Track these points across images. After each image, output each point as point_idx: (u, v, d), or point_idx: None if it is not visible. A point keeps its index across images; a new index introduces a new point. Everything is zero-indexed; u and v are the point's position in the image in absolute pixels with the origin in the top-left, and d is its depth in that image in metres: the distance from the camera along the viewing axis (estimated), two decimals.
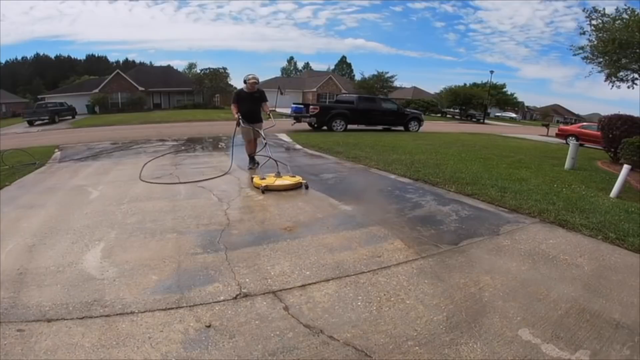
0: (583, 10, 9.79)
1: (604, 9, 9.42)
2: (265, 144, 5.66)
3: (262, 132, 5.85)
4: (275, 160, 5.31)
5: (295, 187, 4.83)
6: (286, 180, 4.88)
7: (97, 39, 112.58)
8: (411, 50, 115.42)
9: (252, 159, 6.26)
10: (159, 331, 1.98)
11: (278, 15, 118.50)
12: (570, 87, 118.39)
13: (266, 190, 4.63)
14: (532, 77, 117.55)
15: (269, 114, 5.95)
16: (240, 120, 5.71)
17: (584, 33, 10.09)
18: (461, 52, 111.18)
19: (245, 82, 5.80)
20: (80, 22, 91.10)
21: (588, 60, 10.30)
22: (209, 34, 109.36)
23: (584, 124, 18.56)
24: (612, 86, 10.20)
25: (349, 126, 14.06)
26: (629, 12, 8.97)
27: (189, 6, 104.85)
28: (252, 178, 5.18)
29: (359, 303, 2.28)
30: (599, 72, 10.34)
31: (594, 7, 9.56)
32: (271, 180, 4.83)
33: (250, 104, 5.83)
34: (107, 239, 3.23)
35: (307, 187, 4.84)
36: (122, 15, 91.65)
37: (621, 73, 10.03)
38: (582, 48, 10.25)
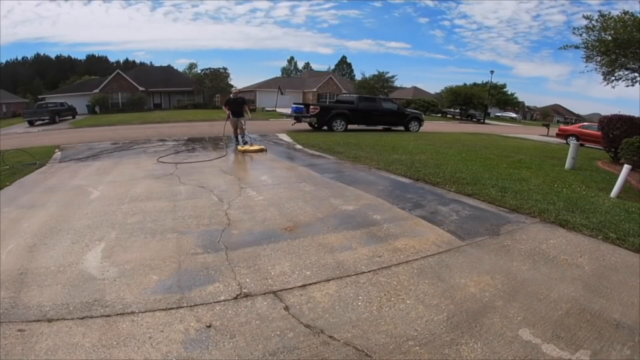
0: (584, 17, 9.84)
1: (609, 12, 9.46)
2: (244, 128, 9.32)
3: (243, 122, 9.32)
4: (251, 138, 9.47)
5: (260, 151, 8.26)
6: (255, 147, 8.52)
7: (83, 41, 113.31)
8: (402, 50, 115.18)
9: (236, 139, 9.52)
10: (159, 331, 1.99)
11: (256, 14, 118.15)
12: (568, 86, 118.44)
13: (244, 152, 8.22)
14: (527, 75, 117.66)
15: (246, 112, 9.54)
16: (230, 115, 9.28)
17: (580, 34, 10.12)
18: (451, 50, 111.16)
19: (231, 93, 10.18)
20: (61, 24, 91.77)
21: (586, 59, 10.33)
22: (192, 34, 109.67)
23: (585, 124, 18.54)
24: (607, 83, 10.25)
25: (350, 126, 14.06)
26: (629, 14, 9.04)
27: (164, 6, 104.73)
28: (237, 147, 8.73)
29: (360, 303, 2.28)
30: (597, 70, 10.37)
31: (599, 11, 9.63)
32: (247, 147, 8.47)
33: (235, 105, 9.26)
34: (107, 239, 3.24)
35: (265, 151, 8.33)
36: (99, 16, 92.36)
37: (620, 72, 10.05)
38: (576, 47, 10.29)
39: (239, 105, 9.27)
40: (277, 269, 2.69)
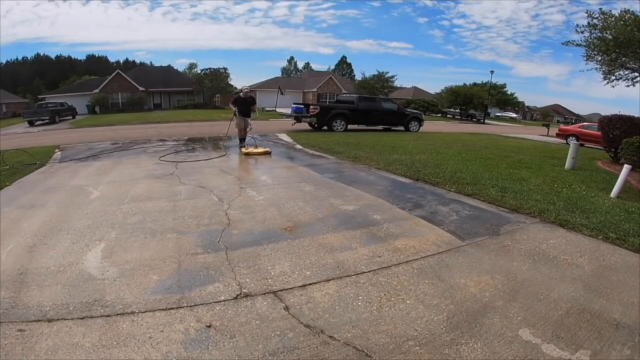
0: (586, 12, 9.85)
1: (610, 10, 9.46)
2: (251, 128, 8.82)
3: (249, 122, 8.78)
4: (255, 140, 8.97)
5: (265, 153, 7.96)
6: (260, 149, 8.13)
7: (83, 41, 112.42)
8: (402, 49, 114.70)
9: (242, 140, 8.93)
10: (159, 331, 1.99)
11: (255, 14, 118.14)
12: (568, 86, 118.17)
13: (247, 154, 7.83)
14: (527, 75, 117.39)
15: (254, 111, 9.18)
16: (237, 113, 8.66)
17: (582, 32, 10.12)
18: (451, 50, 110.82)
19: (241, 90, 9.17)
20: (60, 24, 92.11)
21: (587, 58, 10.33)
22: (191, 34, 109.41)
23: (585, 123, 18.53)
24: (607, 83, 10.25)
25: (350, 126, 14.06)
26: (630, 13, 9.04)
27: (162, 6, 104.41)
28: (241, 149, 8.29)
29: (360, 303, 2.28)
30: (597, 70, 10.37)
31: (600, 9, 9.62)
32: (251, 150, 8.05)
33: (244, 105, 8.72)
34: (107, 239, 3.24)
35: (270, 154, 7.98)
36: (98, 16, 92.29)
37: (620, 72, 10.05)
38: (578, 45, 10.29)
39: (248, 105, 8.84)
40: (277, 269, 2.69)
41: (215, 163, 6.95)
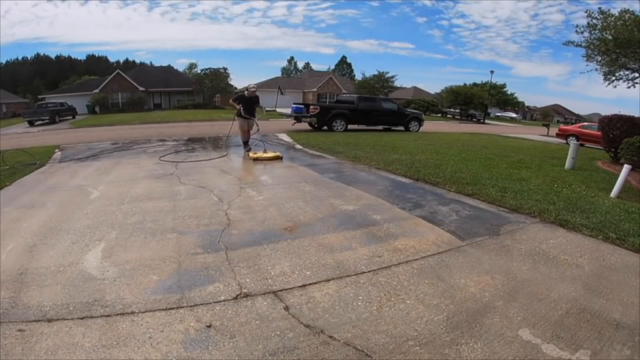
0: (585, 12, 9.86)
1: (608, 10, 9.48)
2: (258, 130, 8.14)
3: (255, 121, 8.13)
4: (263, 142, 8.15)
5: (276, 158, 7.14)
6: (270, 154, 7.30)
7: (82, 41, 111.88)
8: (402, 49, 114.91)
9: (246, 143, 8.34)
10: (159, 331, 1.99)
11: (253, 14, 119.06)
12: (568, 86, 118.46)
13: (256, 160, 7.00)
14: (527, 75, 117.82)
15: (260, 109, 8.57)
16: (242, 112, 7.86)
17: (582, 32, 10.13)
18: (450, 50, 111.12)
19: (246, 89, 8.30)
20: (59, 24, 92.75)
21: (587, 59, 10.34)
22: (190, 34, 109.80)
23: (585, 123, 18.54)
24: (608, 84, 10.25)
25: (350, 126, 14.06)
26: (629, 13, 9.05)
27: (161, 6, 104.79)
28: (248, 154, 7.58)
29: (359, 303, 2.28)
30: (597, 70, 10.37)
31: (599, 8, 9.62)
32: (260, 154, 7.23)
33: (249, 104, 8.02)
34: (107, 239, 3.24)
35: (281, 159, 7.20)
36: (97, 16, 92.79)
37: (620, 72, 10.05)
38: (578, 45, 10.29)
39: (252, 105, 8.08)
40: (277, 269, 2.69)
41: (215, 163, 6.95)
